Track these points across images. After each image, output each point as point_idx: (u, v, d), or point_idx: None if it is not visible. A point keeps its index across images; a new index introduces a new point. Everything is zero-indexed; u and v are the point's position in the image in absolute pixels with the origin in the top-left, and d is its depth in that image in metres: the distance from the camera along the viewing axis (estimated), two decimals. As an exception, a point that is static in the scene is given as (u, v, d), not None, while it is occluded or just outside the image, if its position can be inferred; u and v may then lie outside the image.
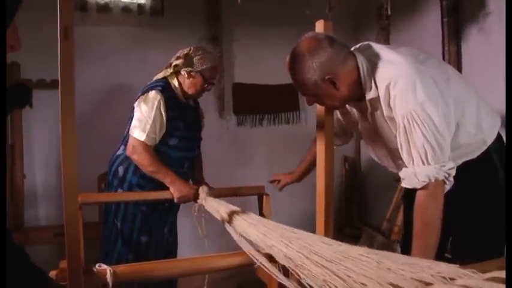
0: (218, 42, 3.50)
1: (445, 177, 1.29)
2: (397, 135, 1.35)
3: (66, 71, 1.09)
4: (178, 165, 2.15)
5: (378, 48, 1.49)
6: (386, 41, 3.42)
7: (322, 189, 1.50)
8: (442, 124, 1.29)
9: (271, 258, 1.10)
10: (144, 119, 2.03)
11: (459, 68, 2.81)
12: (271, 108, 3.75)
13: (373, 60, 1.44)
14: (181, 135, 2.14)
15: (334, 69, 1.39)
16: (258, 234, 1.15)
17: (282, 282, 0.92)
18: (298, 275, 0.81)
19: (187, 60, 2.11)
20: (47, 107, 2.53)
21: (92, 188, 2.88)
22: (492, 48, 2.56)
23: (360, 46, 1.55)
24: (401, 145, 1.34)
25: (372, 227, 3.29)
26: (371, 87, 1.43)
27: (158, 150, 2.08)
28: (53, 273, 1.31)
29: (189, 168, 2.26)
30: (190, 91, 2.16)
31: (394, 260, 0.65)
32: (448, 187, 1.32)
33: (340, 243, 0.84)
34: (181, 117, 2.15)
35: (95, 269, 1.33)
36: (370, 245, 3.04)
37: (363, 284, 0.60)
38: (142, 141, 2.02)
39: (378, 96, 1.42)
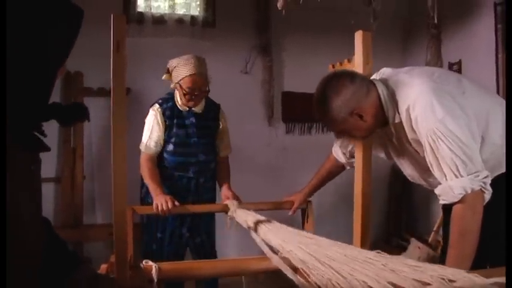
0: (268, 51, 3.59)
1: (482, 187, 1.28)
2: (425, 155, 1.38)
3: (118, 81, 1.20)
4: (182, 169, 2.28)
5: (394, 73, 1.54)
6: (437, 50, 3.34)
7: (359, 198, 1.52)
8: (465, 135, 1.30)
9: (290, 262, 1.15)
10: (145, 133, 2.26)
11: (514, 77, 2.70)
12: (319, 117, 3.74)
13: (391, 86, 1.49)
14: (178, 141, 2.25)
15: (359, 103, 1.45)
16: (279, 240, 1.22)
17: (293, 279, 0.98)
18: (308, 275, 0.86)
19: (171, 75, 2.24)
20: (105, 112, 2.70)
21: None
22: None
23: (377, 74, 1.60)
24: (431, 164, 1.36)
25: (419, 238, 3.21)
26: (394, 113, 1.48)
27: (159, 156, 2.27)
28: (103, 267, 1.43)
29: (198, 173, 2.30)
30: (181, 101, 2.26)
31: (401, 263, 0.68)
32: (487, 196, 1.30)
33: (352, 247, 0.88)
34: (181, 124, 2.27)
35: (141, 265, 1.44)
36: (416, 256, 2.98)
37: (363, 282, 0.64)
38: (143, 153, 2.24)
39: (401, 121, 1.46)
